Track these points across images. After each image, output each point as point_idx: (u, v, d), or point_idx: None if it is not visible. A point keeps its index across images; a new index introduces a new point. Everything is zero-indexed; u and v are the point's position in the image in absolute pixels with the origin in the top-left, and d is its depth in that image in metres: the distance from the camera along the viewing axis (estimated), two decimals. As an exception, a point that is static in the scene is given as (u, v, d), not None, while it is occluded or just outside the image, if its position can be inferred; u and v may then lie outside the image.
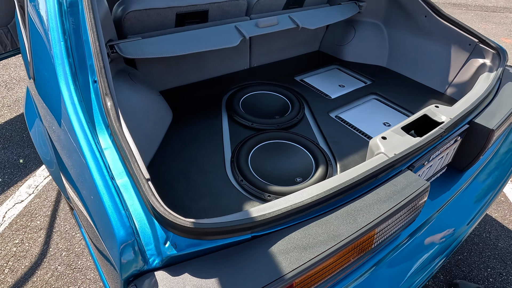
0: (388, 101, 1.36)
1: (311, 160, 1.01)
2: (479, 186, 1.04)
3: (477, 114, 0.94)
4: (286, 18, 1.35)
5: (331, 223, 0.59)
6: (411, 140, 0.79)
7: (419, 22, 1.43)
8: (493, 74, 1.12)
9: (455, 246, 0.89)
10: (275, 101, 1.32)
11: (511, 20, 4.62)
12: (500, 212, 1.69)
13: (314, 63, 1.67)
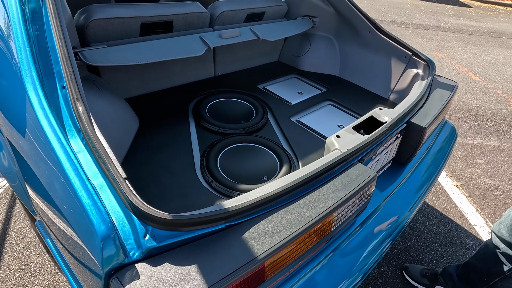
0: (341, 106, 1.51)
1: (276, 160, 1.10)
2: (418, 177, 1.20)
3: (413, 115, 1.11)
4: (247, 31, 1.45)
5: (296, 210, 0.67)
6: (360, 138, 0.91)
7: (364, 37, 1.62)
8: (424, 81, 1.31)
9: (400, 230, 1.03)
10: (240, 107, 1.39)
11: (441, 37, 5.31)
12: (439, 203, 1.93)
13: (274, 72, 1.79)
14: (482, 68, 4.12)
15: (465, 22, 6.58)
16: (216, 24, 1.44)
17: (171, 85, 1.51)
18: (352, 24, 1.64)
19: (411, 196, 1.13)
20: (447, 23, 6.30)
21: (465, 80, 3.70)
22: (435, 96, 1.27)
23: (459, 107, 3.08)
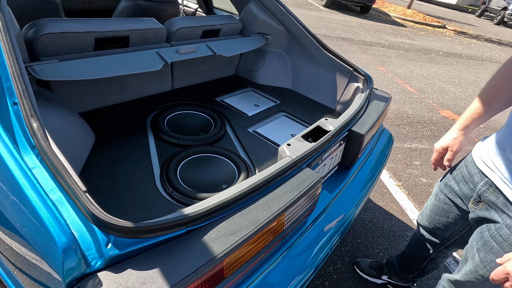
0: (294, 117, 1.64)
1: (234, 169, 1.17)
2: (361, 178, 1.36)
3: (354, 124, 1.26)
4: (204, 47, 1.52)
5: (251, 212, 0.74)
6: (308, 145, 1.01)
7: (312, 54, 1.79)
8: (364, 94, 1.49)
9: (347, 226, 1.15)
10: (199, 120, 1.44)
11: (382, 53, 5.91)
12: (384, 202, 2.15)
13: (232, 86, 1.88)
14: (417, 81, 4.68)
15: (401, 40, 7.41)
16: (173, 40, 1.49)
17: (128, 99, 1.51)
18: (301, 42, 1.80)
19: (356, 195, 1.28)
20: (387, 41, 7.03)
21: (403, 92, 4.16)
22: (373, 107, 1.45)
23: (399, 115, 3.46)
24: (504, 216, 0.76)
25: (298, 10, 8.75)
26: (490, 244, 0.80)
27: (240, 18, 1.91)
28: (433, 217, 1.05)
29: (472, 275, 0.85)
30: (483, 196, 0.83)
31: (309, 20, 7.60)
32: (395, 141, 2.93)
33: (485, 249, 0.81)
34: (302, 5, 9.70)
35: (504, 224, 0.76)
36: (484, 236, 0.82)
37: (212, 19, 1.68)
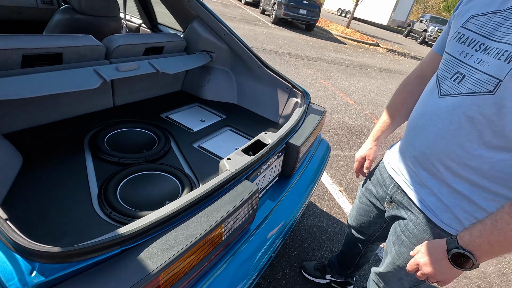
0: (239, 131, 1.72)
1: (178, 184, 1.18)
2: (301, 185, 1.46)
3: (291, 136, 1.37)
4: (146, 64, 1.52)
5: (189, 226, 0.77)
6: (247, 158, 1.08)
7: (255, 71, 1.90)
8: (301, 108, 1.63)
9: (288, 229, 1.24)
10: (142, 137, 1.43)
11: (325, 68, 6.41)
12: (328, 206, 2.32)
13: (177, 101, 1.89)
14: (355, 94, 5.15)
15: (342, 56, 8.12)
16: (113, 57, 1.47)
17: (63, 117, 1.43)
18: (244, 60, 1.91)
19: (296, 201, 1.37)
20: (329, 57, 7.64)
21: (344, 104, 4.55)
22: (309, 120, 1.59)
23: (340, 125, 3.77)
24: (409, 213, 0.89)
25: (248, 26, 9.08)
26: (401, 238, 0.91)
27: (184, 36, 1.95)
28: (359, 217, 1.19)
29: (391, 266, 0.98)
30: (393, 197, 0.95)
31: (258, 36, 7.93)
32: (337, 149, 3.19)
33: (398, 242, 0.93)
34: (251, 22, 10.09)
35: (410, 220, 0.88)
36: (397, 231, 0.94)
37: (155, 37, 1.70)
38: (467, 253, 0.64)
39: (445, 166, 0.73)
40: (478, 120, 0.65)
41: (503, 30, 0.65)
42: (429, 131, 0.75)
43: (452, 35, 0.77)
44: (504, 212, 0.60)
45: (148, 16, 2.29)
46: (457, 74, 0.71)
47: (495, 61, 0.63)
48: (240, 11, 12.25)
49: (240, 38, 1.87)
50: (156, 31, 2.26)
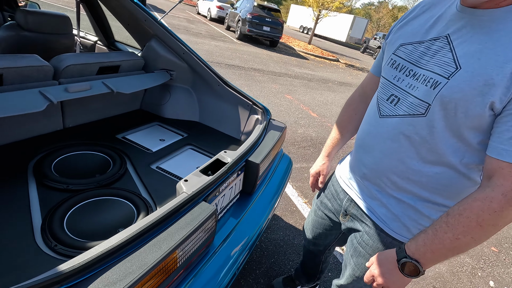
0: (201, 149, 1.70)
1: (133, 209, 1.13)
2: (264, 200, 1.48)
3: (251, 154, 1.39)
4: (100, 84, 1.47)
5: (140, 256, 0.74)
6: (205, 179, 1.07)
7: (215, 89, 1.91)
8: (262, 125, 1.66)
9: (252, 245, 1.23)
10: (95, 160, 1.36)
11: (289, 82, 6.63)
12: (294, 219, 2.35)
13: (136, 121, 1.84)
14: (318, 107, 5.38)
15: (305, 71, 8.48)
16: (62, 77, 1.40)
17: (3, 142, 1.32)
18: (205, 79, 1.92)
19: (259, 217, 1.38)
20: (293, 71, 7.93)
21: (307, 117, 4.72)
22: (269, 137, 1.62)
23: (304, 138, 3.89)
24: (363, 225, 0.93)
25: (214, 42, 9.18)
26: (358, 250, 0.94)
27: (142, 54, 1.92)
28: (314, 230, 1.22)
29: (351, 278, 1.01)
30: (348, 210, 1.00)
31: (224, 51, 8.04)
32: (302, 162, 3.27)
33: (356, 254, 0.97)
34: (217, 37, 10.22)
35: (364, 231, 0.92)
36: (354, 243, 0.98)
37: (110, 55, 1.65)
38: (414, 261, 0.68)
39: (391, 180, 0.80)
40: (415, 139, 0.72)
41: (426, 59, 0.73)
42: (375, 149, 0.82)
43: (386, 60, 0.85)
44: (442, 222, 0.65)
45: (104, 33, 2.22)
46: (392, 96, 0.78)
47: (424, 87, 0.70)
48: (205, 27, 12.36)
49: (200, 57, 1.88)
50: (113, 49, 2.20)
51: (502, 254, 2.55)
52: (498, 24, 0.62)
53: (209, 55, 7.02)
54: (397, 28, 0.85)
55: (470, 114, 0.63)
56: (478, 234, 0.61)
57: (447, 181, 0.72)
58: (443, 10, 0.74)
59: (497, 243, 2.70)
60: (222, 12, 14.73)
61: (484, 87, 0.61)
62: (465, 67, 0.64)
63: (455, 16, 0.70)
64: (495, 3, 0.63)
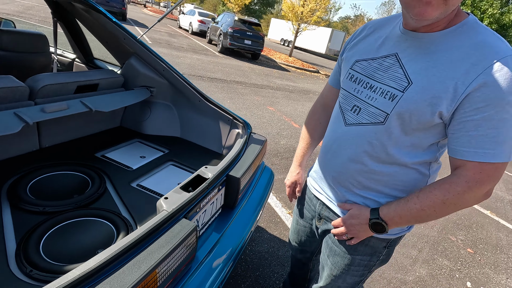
0: (182, 165, 1.71)
1: (113, 229, 1.12)
2: (246, 213, 1.49)
3: (231, 168, 1.41)
4: (78, 103, 1.46)
5: (119, 277, 0.74)
6: (186, 195, 1.08)
7: (196, 104, 1.94)
8: (242, 139, 1.70)
9: (236, 256, 1.24)
10: (73, 180, 1.34)
11: (271, 94, 6.75)
12: (278, 231, 2.37)
13: (116, 138, 1.82)
14: (300, 118, 5.49)
15: (286, 83, 8.67)
16: (38, 97, 1.38)
17: None
18: (185, 95, 1.94)
19: (242, 230, 1.39)
20: (275, 83, 8.09)
21: (289, 128, 4.81)
22: (250, 150, 1.66)
23: (287, 149, 3.95)
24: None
25: (196, 55, 9.25)
26: (333, 249, 1.01)
27: (122, 72, 1.93)
28: (299, 238, 1.26)
29: (329, 278, 1.06)
30: (321, 214, 1.07)
31: (206, 65, 8.11)
32: (285, 173, 3.32)
33: (332, 254, 1.03)
34: (199, 51, 10.31)
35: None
36: (329, 244, 1.04)
37: (88, 74, 1.65)
38: (383, 222, 0.82)
39: (357, 181, 0.89)
40: (376, 144, 0.82)
41: (380, 73, 0.81)
42: (341, 154, 0.90)
43: (344, 75, 0.93)
44: (414, 196, 0.78)
45: (82, 51, 2.22)
46: (354, 107, 0.87)
47: (382, 99, 0.79)
48: (187, 40, 12.45)
49: (180, 73, 1.91)
50: (92, 66, 2.19)
51: (478, 255, 2.67)
52: (436, 45, 0.72)
53: (191, 69, 7.06)
54: (351, 46, 0.94)
55: (422, 121, 0.73)
56: (440, 209, 0.75)
57: (403, 177, 0.84)
58: (389, 31, 0.84)
59: (473, 244, 2.82)
60: (203, 26, 14.91)
61: (432, 99, 0.70)
62: (415, 82, 0.73)
63: (400, 37, 0.79)
64: (430, 28, 0.73)
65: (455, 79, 0.67)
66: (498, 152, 0.66)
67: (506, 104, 0.63)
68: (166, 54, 8.18)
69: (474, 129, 0.67)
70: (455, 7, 0.66)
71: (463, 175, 0.71)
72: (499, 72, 0.62)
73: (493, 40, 0.67)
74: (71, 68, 2.24)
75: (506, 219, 3.54)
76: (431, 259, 2.44)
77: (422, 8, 0.64)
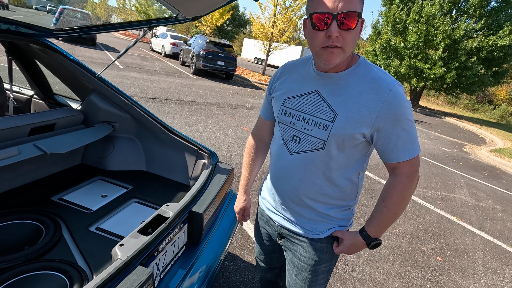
0: (146, 201, 1.68)
1: (66, 282, 1.07)
2: (213, 246, 1.46)
3: (194, 204, 1.40)
4: (31, 146, 1.41)
5: None
6: (143, 240, 1.06)
7: (160, 137, 1.93)
8: (208, 170, 1.70)
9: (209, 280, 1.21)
10: (24, 230, 1.27)
11: (246, 114, 6.84)
12: (252, 256, 2.35)
13: (76, 178, 1.77)
14: (273, 136, 5.58)
15: (261, 101, 8.83)
16: None
17: None
18: (149, 128, 1.93)
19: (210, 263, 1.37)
20: (249, 103, 8.22)
21: (263, 147, 4.87)
22: (215, 182, 1.66)
23: (262, 170, 3.97)
24: (297, 241, 1.09)
25: (168, 78, 9.25)
26: (300, 266, 1.09)
27: (82, 108, 1.90)
28: (265, 257, 1.30)
29: None
30: (281, 233, 1.13)
31: (179, 87, 8.12)
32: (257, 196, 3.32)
33: (299, 271, 1.10)
34: (172, 73, 10.32)
35: (300, 247, 1.08)
36: (295, 262, 1.11)
37: (43, 115, 1.61)
38: (379, 241, 0.98)
39: (309, 198, 1.02)
40: (321, 166, 0.97)
41: (309, 108, 0.96)
42: (292, 178, 1.02)
43: (278, 111, 1.04)
44: (382, 206, 0.96)
45: (41, 87, 2.16)
46: (295, 137, 1.00)
47: (317, 129, 0.94)
48: (160, 63, 12.45)
49: (143, 107, 1.91)
50: (51, 102, 2.14)
51: (446, 263, 2.77)
52: (345, 82, 0.91)
53: (164, 92, 7.04)
54: (277, 86, 1.06)
55: (351, 141, 0.92)
56: (403, 205, 0.94)
57: (344, 188, 1.00)
58: (305, 72, 0.99)
59: (441, 252, 2.94)
60: (176, 48, 15.03)
61: (356, 124, 0.89)
62: (340, 113, 0.90)
63: (316, 77, 0.96)
64: (336, 69, 0.91)
65: (367, 107, 0.87)
66: (414, 147, 0.91)
67: (405, 118, 0.88)
68: (138, 78, 8.12)
69: (396, 139, 0.89)
70: (349, 54, 0.87)
71: (401, 173, 0.93)
72: (394, 98, 0.86)
73: (382, 75, 0.90)
74: (29, 105, 2.17)
75: (471, 224, 3.73)
76: (403, 271, 2.51)
77: (329, 56, 0.84)
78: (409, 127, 0.89)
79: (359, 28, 0.84)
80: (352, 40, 0.82)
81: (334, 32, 0.79)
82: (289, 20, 12.73)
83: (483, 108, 24.83)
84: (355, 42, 0.84)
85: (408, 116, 0.89)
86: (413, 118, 0.92)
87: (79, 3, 28.21)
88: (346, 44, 0.82)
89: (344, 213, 1.05)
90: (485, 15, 13.99)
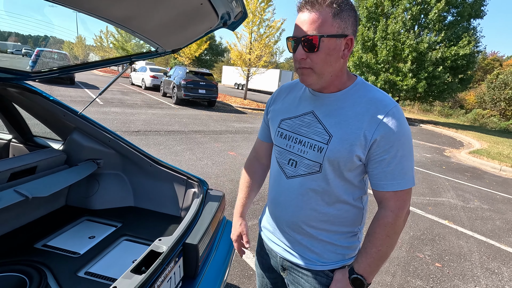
0: (137, 238, 1.61)
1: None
2: (211, 277, 1.40)
3: (188, 235, 1.36)
4: (11, 192, 1.35)
5: None
6: (137, 279, 1.01)
7: (147, 170, 1.90)
8: (199, 199, 1.67)
9: None
10: (5, 284, 1.18)
11: (231, 139, 6.86)
12: (252, 285, 2.26)
13: (60, 221, 1.68)
14: (261, 158, 5.59)
15: (244, 125, 8.92)
16: None
17: None
18: (134, 161, 1.90)
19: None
20: (233, 127, 8.28)
21: (252, 170, 4.85)
22: (207, 210, 1.62)
23: (252, 193, 3.94)
24: (300, 274, 1.02)
25: (151, 110, 9.24)
26: None
27: (64, 148, 1.85)
28: None
29: None
30: (283, 265, 1.07)
31: (162, 118, 8.10)
32: (254, 219, 3.26)
33: None
34: (154, 105, 10.33)
35: (304, 279, 1.01)
36: None
37: (23, 158, 1.55)
38: (360, 276, 0.89)
39: (309, 226, 0.96)
40: (318, 190, 0.91)
41: (305, 129, 0.93)
42: (290, 205, 0.97)
43: (274, 133, 1.02)
44: (367, 241, 0.89)
45: (19, 130, 2.10)
46: (291, 160, 0.96)
47: (312, 151, 0.90)
48: (140, 96, 12.47)
49: (127, 141, 1.88)
50: (31, 145, 2.07)
51: (446, 268, 2.77)
52: (341, 103, 0.89)
53: (147, 125, 7.00)
54: (274, 108, 1.05)
55: (347, 164, 0.87)
56: (389, 242, 0.87)
57: (347, 213, 0.94)
58: (301, 92, 0.99)
59: (439, 258, 2.94)
60: (156, 80, 15.17)
61: (351, 146, 0.85)
62: (334, 134, 0.87)
63: (311, 98, 0.94)
64: (330, 90, 0.90)
65: (363, 129, 0.84)
66: (405, 180, 0.84)
67: (402, 144, 0.83)
68: (120, 113, 8.07)
69: (387, 165, 0.84)
70: (326, 75, 0.85)
71: (387, 206, 0.86)
72: (391, 121, 0.82)
73: (380, 95, 0.87)
74: (7, 150, 2.10)
75: (463, 226, 3.79)
76: (405, 282, 2.48)
77: (302, 77, 0.87)
78: (403, 156, 0.83)
79: (329, 48, 0.80)
80: (321, 61, 0.81)
81: (298, 55, 0.82)
82: (264, 46, 13.25)
83: (456, 113, 26.16)
84: (327, 62, 0.82)
85: (404, 142, 0.83)
86: (411, 145, 0.85)
87: (55, 44, 28.25)
88: (315, 65, 0.82)
89: (350, 240, 0.98)
90: (444, 28, 15.12)
